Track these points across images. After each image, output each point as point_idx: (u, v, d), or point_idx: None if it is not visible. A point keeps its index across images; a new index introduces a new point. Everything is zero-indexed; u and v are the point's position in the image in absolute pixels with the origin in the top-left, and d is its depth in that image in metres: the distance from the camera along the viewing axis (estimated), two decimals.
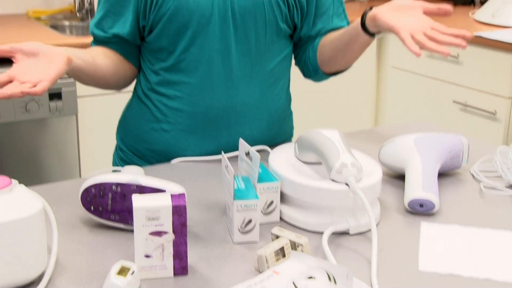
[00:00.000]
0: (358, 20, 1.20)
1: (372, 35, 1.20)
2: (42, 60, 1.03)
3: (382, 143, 1.22)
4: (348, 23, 1.34)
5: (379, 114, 2.96)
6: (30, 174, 2.23)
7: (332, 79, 1.39)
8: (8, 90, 0.97)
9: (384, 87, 2.89)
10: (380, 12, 1.14)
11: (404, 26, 1.10)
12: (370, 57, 2.84)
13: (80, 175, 2.33)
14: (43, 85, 0.98)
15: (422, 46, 1.08)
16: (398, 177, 1.17)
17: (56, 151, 2.25)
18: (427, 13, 1.14)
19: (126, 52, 1.28)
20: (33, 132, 2.20)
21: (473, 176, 1.20)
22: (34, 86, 0.99)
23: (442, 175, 1.18)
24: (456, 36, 1.10)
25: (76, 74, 1.15)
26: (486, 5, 2.67)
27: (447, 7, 1.12)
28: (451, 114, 2.57)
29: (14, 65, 1.03)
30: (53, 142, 2.24)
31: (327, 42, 1.30)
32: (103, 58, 1.23)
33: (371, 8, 1.18)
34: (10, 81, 1.00)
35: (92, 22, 1.29)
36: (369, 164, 1.03)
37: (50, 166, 2.26)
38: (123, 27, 1.24)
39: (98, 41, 1.28)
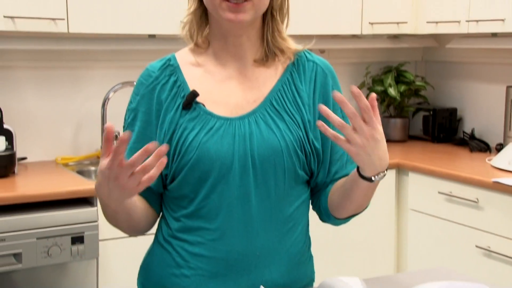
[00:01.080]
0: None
1: (369, 179, 1.19)
2: None
3: None
4: None
5: (400, 258, 2.92)
6: None
7: (352, 221, 1.38)
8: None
9: (404, 230, 2.88)
10: None
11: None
12: (389, 199, 2.85)
13: None
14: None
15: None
16: None
17: None
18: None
19: (150, 199, 1.31)
20: (53, 277, 2.19)
21: None
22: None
23: None
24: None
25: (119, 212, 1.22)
26: (502, 152, 2.72)
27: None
28: (474, 259, 2.53)
29: None
30: (72, 287, 2.22)
31: (335, 189, 1.31)
32: (137, 203, 1.27)
33: None
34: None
35: None
36: None
37: None
38: None
39: None
